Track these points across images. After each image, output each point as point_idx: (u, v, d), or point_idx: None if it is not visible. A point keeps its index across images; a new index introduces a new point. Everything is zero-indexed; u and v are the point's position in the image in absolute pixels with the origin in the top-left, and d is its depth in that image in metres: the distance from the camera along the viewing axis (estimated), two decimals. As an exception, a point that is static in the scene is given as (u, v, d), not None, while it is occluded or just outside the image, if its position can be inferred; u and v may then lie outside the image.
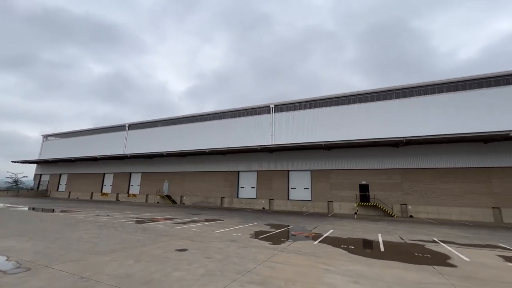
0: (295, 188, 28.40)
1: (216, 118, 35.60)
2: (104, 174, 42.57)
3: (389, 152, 24.82)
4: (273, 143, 29.68)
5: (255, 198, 29.83)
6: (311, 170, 27.81)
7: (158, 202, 35.02)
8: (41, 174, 50.61)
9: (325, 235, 11.08)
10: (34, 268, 5.50)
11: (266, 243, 8.98)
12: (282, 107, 31.50)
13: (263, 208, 28.66)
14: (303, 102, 30.48)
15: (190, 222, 14.60)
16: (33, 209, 20.85)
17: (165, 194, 35.23)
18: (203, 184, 33.43)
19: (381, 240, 10.38)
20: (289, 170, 28.95)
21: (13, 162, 50.00)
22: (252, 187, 30.53)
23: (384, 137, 23.41)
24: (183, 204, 33.60)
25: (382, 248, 8.86)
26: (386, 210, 23.25)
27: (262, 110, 32.56)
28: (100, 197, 41.28)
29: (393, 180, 24.29)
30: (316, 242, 9.49)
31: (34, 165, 51.78)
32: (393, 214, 22.95)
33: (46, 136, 53.70)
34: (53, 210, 19.97)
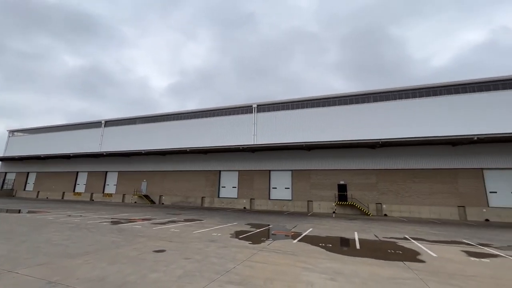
0: (276, 187, 28.69)
1: (198, 117, 35.08)
2: (77, 172, 40.44)
3: (366, 153, 25.81)
4: (255, 143, 29.79)
5: (237, 197, 29.77)
6: (292, 170, 28.23)
7: (135, 202, 33.86)
8: (6, 172, 47.09)
9: (304, 234, 11.29)
10: (-4, 273, 5.09)
11: (246, 243, 8.98)
12: (264, 107, 31.70)
13: (244, 207, 28.66)
14: (286, 103, 30.88)
15: (169, 222, 14.25)
16: (-4, 210, 19.30)
17: (143, 193, 34.15)
18: (184, 183, 32.81)
19: (357, 238, 10.76)
20: (270, 170, 29.19)
21: (-27, 159, 46.07)
22: (233, 187, 30.43)
23: (362, 138, 24.35)
24: (162, 204, 32.76)
25: (358, 245, 9.19)
26: (363, 209, 24.16)
27: (245, 109, 32.55)
28: (72, 197, 39.17)
29: (369, 180, 25.29)
30: (295, 241, 9.65)
31: (-2, 162, 48.08)
32: (369, 213, 23.91)
33: (13, 131, 50.02)
34: (19, 211, 18.62)
